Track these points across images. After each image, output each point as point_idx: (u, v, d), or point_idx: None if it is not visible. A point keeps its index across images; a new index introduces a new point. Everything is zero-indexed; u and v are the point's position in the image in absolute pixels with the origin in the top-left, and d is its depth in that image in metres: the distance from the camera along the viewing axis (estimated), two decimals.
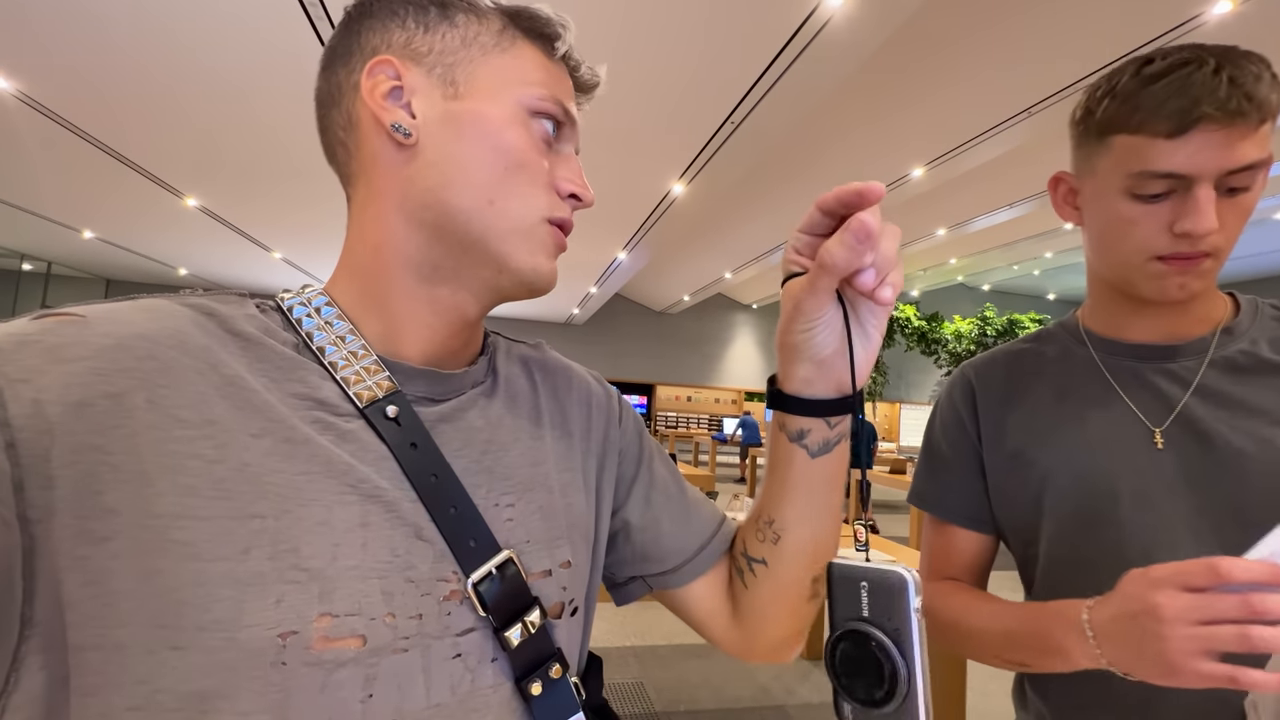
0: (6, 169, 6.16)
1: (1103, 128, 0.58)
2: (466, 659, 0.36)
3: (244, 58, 3.91)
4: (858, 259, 0.35)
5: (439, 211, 0.39)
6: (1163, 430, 0.61)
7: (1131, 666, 0.48)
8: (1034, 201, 7.44)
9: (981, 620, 0.63)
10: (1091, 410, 0.65)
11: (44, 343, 0.30)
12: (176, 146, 5.44)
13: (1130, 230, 0.58)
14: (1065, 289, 17.12)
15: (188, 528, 0.29)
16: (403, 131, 0.39)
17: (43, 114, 4.82)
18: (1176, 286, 0.58)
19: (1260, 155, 0.53)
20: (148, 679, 0.28)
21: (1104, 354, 0.67)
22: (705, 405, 15.87)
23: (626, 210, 6.61)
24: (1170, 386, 0.62)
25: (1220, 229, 0.55)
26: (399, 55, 0.39)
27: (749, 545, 0.50)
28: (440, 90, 0.39)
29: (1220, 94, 0.52)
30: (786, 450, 0.45)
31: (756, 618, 0.50)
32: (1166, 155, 0.54)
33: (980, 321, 13.05)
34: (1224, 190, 0.55)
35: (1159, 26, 3.73)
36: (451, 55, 0.40)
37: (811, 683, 2.78)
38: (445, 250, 0.40)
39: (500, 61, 0.41)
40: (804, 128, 5.15)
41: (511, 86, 0.40)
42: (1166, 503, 0.59)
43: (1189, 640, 0.43)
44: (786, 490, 0.46)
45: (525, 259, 0.41)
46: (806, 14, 3.31)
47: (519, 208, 0.40)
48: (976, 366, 0.75)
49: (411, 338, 0.42)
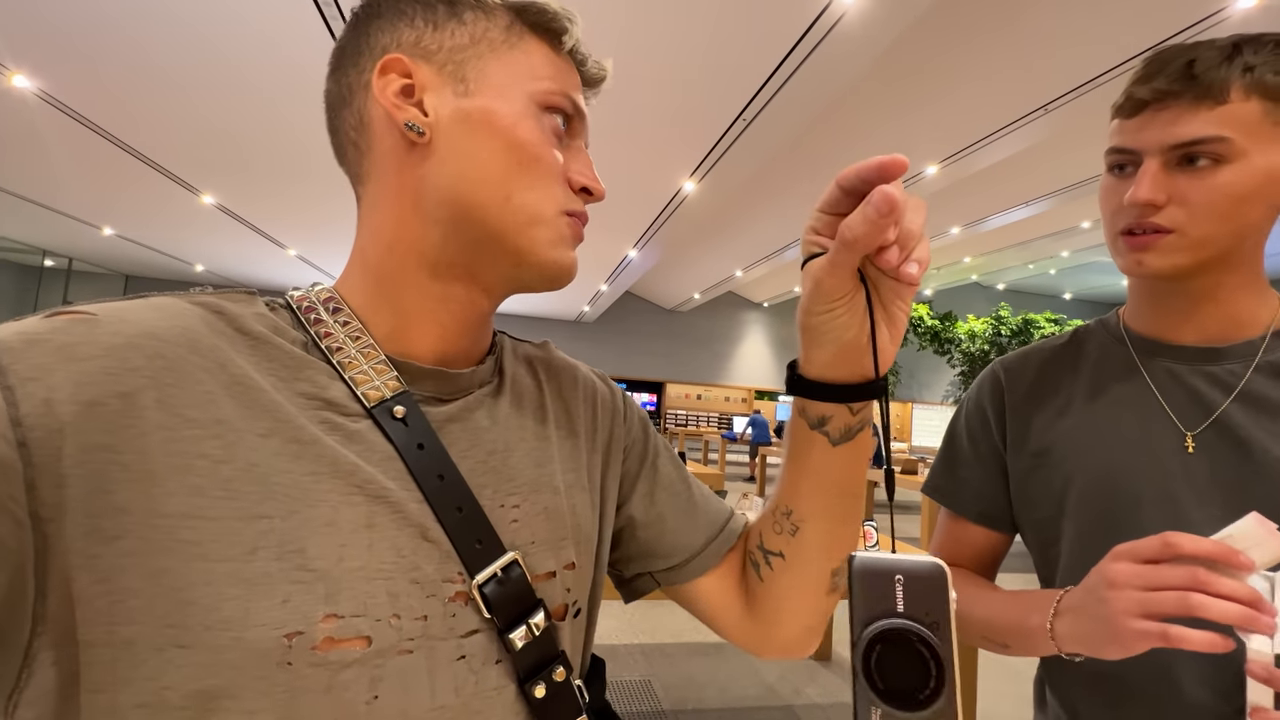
0: (30, 166, 6.28)
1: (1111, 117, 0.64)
2: (471, 661, 0.36)
3: (261, 57, 3.95)
4: (880, 233, 0.33)
5: (456, 208, 0.39)
6: (1196, 434, 0.60)
7: (1081, 638, 0.51)
8: (1051, 199, 7.34)
9: (973, 602, 0.65)
10: (1123, 410, 0.64)
11: (54, 341, 0.30)
12: (194, 144, 5.51)
13: (1106, 207, 0.63)
14: (1082, 288, 16.88)
15: (195, 527, 0.30)
16: (416, 130, 0.38)
17: (65, 113, 4.90)
18: (1135, 262, 0.60)
19: (1209, 131, 0.54)
20: (155, 677, 0.28)
21: (1143, 354, 0.66)
22: (715, 404, 15.84)
23: (637, 208, 6.60)
24: (1210, 390, 0.61)
25: (1182, 205, 0.56)
26: (409, 54, 0.39)
27: (765, 538, 0.49)
28: (451, 87, 0.39)
29: (1171, 77, 0.55)
30: (806, 438, 0.44)
31: (773, 612, 0.49)
32: (1123, 132, 0.60)
33: (994, 321, 12.90)
34: (1179, 164, 0.56)
35: (1181, 21, 3.65)
36: (461, 52, 0.40)
37: (819, 683, 2.77)
38: (461, 246, 0.40)
39: (510, 57, 0.41)
40: (816, 125, 5.11)
41: (521, 82, 0.40)
42: (1194, 509, 0.58)
43: (1133, 602, 0.46)
44: (806, 479, 0.45)
45: (546, 251, 0.41)
46: (819, 10, 3.28)
47: (536, 201, 0.40)
48: (1007, 363, 0.75)
49: (422, 335, 0.42)
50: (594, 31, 0.42)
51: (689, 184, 5.80)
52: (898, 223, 0.33)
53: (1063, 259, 13.28)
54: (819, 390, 0.41)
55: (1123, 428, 0.63)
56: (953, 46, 4.33)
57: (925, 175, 6.04)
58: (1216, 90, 0.54)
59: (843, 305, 0.37)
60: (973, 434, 0.74)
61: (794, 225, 8.34)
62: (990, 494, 0.72)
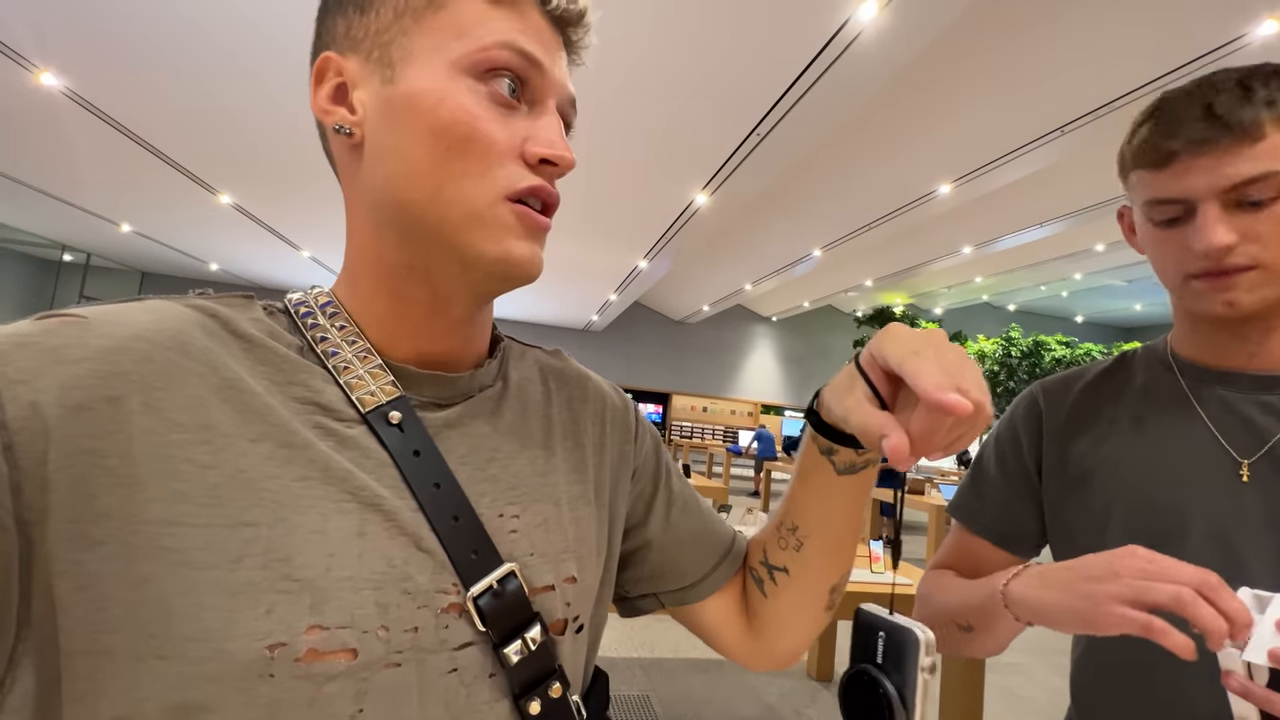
0: (53, 162, 6.39)
1: (1122, 166, 0.64)
2: (463, 674, 0.35)
3: (281, 60, 4.01)
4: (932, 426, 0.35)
5: (393, 210, 0.37)
6: (1251, 463, 0.58)
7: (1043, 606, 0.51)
8: (1065, 221, 7.30)
9: (950, 590, 0.67)
10: (1169, 438, 0.62)
11: (43, 344, 0.29)
12: (212, 144, 5.60)
13: (1162, 254, 0.61)
14: (1094, 311, 16.75)
15: (178, 535, 0.29)
16: (345, 131, 0.37)
17: (89, 110, 5.00)
18: (1222, 303, 0.58)
19: (1260, 168, 0.54)
20: (134, 688, 0.27)
21: (1193, 381, 0.64)
22: (721, 416, 15.77)
23: (648, 219, 6.63)
24: (1265, 419, 0.59)
25: (1254, 241, 0.55)
26: (340, 48, 0.37)
27: (770, 553, 0.50)
28: (379, 75, 0.36)
29: (1193, 127, 0.56)
30: (815, 460, 0.45)
31: (775, 627, 0.51)
32: (1162, 183, 0.58)
33: (1005, 342, 12.80)
34: (1239, 205, 0.55)
35: (1200, 47, 3.64)
36: (386, 33, 0.36)
37: (819, 704, 2.72)
38: (414, 250, 0.37)
39: (434, 21, 0.36)
40: (830, 141, 5.12)
41: (445, 48, 0.35)
42: (1243, 542, 0.56)
43: (1127, 588, 0.46)
44: (812, 497, 0.47)
45: (487, 247, 0.36)
46: (836, 28, 3.29)
47: (470, 191, 0.35)
48: (1048, 386, 0.74)
49: (405, 340, 0.40)
50: (608, 44, 0.40)
51: (701, 196, 5.81)
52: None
53: (1075, 281, 13.19)
54: (830, 433, 0.43)
55: (1169, 455, 0.62)
56: (968, 66, 4.34)
57: (938, 194, 6.03)
58: (1252, 129, 0.54)
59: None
60: (1002, 455, 0.73)
61: (805, 240, 8.34)
62: (1012, 517, 0.71)
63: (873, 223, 7.19)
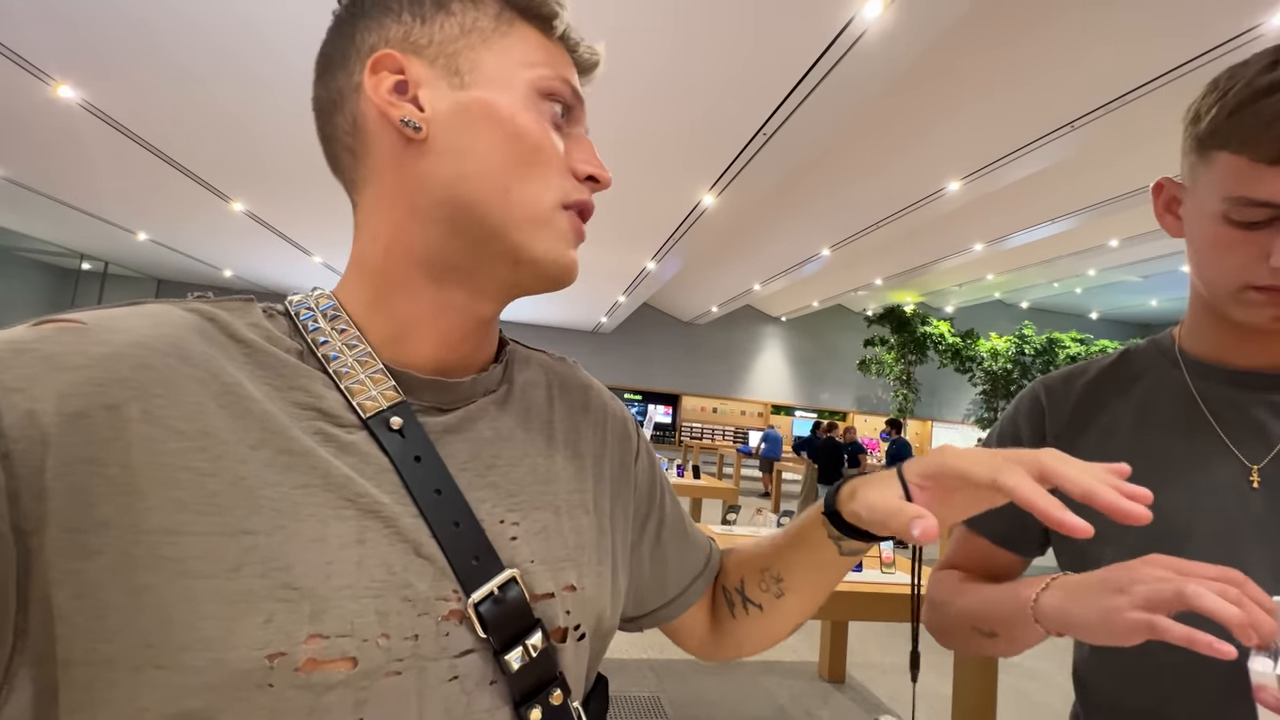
0: (71, 173, 6.51)
1: (1205, 140, 0.53)
2: (463, 682, 0.35)
3: (291, 68, 4.05)
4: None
5: (455, 206, 0.38)
6: (1261, 468, 0.56)
7: (1070, 618, 0.49)
8: (1078, 217, 7.21)
9: (967, 594, 0.65)
10: (1175, 440, 0.60)
11: (40, 351, 0.29)
12: (226, 153, 5.68)
13: (1225, 255, 0.54)
14: (1109, 308, 16.51)
15: (177, 543, 0.29)
16: (413, 126, 0.37)
17: (106, 122, 5.09)
18: (1271, 319, 0.53)
19: None
20: (132, 698, 0.27)
21: (1200, 379, 0.61)
22: (731, 417, 15.73)
23: (656, 220, 6.62)
24: (1275, 422, 0.57)
25: None
26: (400, 49, 0.38)
27: (748, 587, 0.53)
28: (446, 80, 0.38)
29: None
30: (819, 536, 0.47)
31: (734, 644, 0.55)
32: (1269, 182, 0.49)
33: (1018, 339, 12.65)
34: None
35: (1213, 39, 3.59)
36: (452, 44, 0.39)
37: (831, 705, 2.70)
38: (461, 246, 0.39)
39: (501, 45, 0.39)
40: (838, 139, 5.10)
41: (517, 70, 0.39)
42: (1251, 549, 0.54)
43: (1139, 596, 0.44)
44: (805, 562, 0.49)
45: (543, 249, 0.39)
46: (842, 26, 3.28)
47: (535, 195, 0.39)
48: (1050, 383, 0.71)
49: (420, 342, 0.40)
50: (615, 46, 0.41)
51: (708, 197, 5.80)
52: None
53: (1089, 278, 13.02)
54: (845, 528, 0.45)
55: (1174, 458, 0.59)
56: (975, 62, 4.30)
57: (948, 191, 5.98)
58: None
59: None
60: None
61: (813, 240, 8.30)
62: (1013, 515, 0.70)
63: (881, 221, 7.14)
